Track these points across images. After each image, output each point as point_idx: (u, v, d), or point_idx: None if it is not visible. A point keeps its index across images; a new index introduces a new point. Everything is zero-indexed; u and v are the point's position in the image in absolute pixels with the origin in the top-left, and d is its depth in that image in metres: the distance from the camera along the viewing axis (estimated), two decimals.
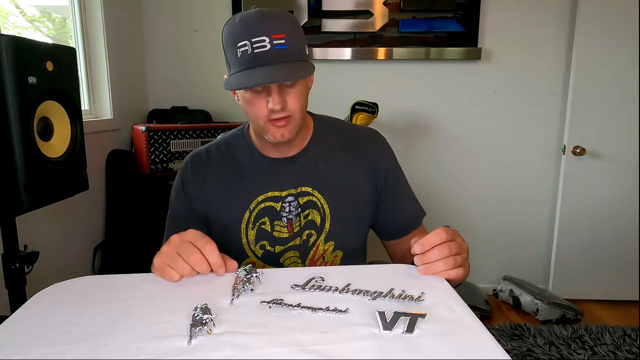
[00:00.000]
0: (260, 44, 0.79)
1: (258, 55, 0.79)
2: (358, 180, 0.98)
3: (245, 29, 0.80)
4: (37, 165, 1.05)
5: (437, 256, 0.73)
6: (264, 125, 0.87)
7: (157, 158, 2.05)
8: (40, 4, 1.88)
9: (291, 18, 0.85)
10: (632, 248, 2.43)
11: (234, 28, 0.82)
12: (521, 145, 2.49)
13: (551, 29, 2.36)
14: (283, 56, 0.80)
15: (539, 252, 2.61)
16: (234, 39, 0.81)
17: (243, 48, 0.80)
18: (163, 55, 2.37)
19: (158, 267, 0.73)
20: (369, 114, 2.07)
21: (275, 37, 0.79)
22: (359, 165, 0.99)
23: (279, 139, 0.88)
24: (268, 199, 0.95)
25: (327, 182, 0.97)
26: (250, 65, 0.80)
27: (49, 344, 0.55)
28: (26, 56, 1.01)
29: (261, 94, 0.84)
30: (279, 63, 0.80)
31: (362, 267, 0.81)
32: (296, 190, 0.96)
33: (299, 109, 0.87)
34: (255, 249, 0.96)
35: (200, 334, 0.55)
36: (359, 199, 0.99)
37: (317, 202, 0.96)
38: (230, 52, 0.83)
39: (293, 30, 0.82)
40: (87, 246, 1.92)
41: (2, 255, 1.15)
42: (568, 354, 1.95)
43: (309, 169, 0.97)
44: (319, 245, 0.97)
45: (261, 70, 0.79)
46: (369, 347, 0.54)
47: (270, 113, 0.85)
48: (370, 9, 2.28)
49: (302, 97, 0.87)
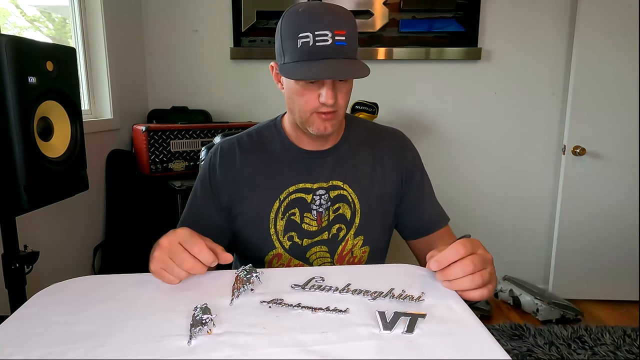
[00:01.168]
0: (322, 38, 0.80)
1: (319, 49, 0.80)
2: (385, 176, 1.00)
3: (309, 21, 0.81)
4: (37, 165, 1.05)
5: (460, 273, 0.67)
6: (310, 117, 0.89)
7: (157, 158, 2.05)
8: (40, 4, 1.88)
9: (351, 16, 0.86)
10: (632, 248, 2.43)
11: (297, 17, 0.82)
12: (521, 146, 2.49)
13: (551, 29, 2.36)
14: (341, 52, 0.81)
15: (539, 252, 2.61)
16: (296, 28, 0.81)
17: (304, 39, 0.80)
18: (163, 55, 2.37)
19: (155, 272, 0.72)
20: (369, 114, 2.07)
21: (337, 33, 0.80)
22: (386, 161, 1.01)
23: (323, 131, 0.89)
24: (299, 190, 0.96)
25: (358, 177, 0.98)
26: (309, 57, 0.81)
27: (49, 344, 0.55)
28: (26, 56, 1.01)
29: (313, 87, 0.86)
30: (338, 59, 0.81)
31: (362, 266, 0.81)
32: (327, 183, 0.97)
33: (345, 104, 0.90)
34: (284, 240, 0.96)
35: (200, 334, 0.55)
36: (386, 195, 1.00)
37: (347, 197, 0.97)
38: (289, 42, 0.83)
39: (352, 29, 0.83)
40: (87, 246, 1.92)
41: (2, 255, 1.15)
42: (568, 354, 1.95)
43: (341, 164, 0.98)
44: (348, 239, 0.97)
45: (322, 64, 0.80)
46: (369, 347, 0.54)
47: (320, 106, 0.86)
48: (370, 9, 2.28)
49: (349, 93, 0.90)
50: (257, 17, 2.28)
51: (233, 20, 2.29)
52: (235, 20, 2.29)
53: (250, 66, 2.35)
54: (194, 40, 2.35)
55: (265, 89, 2.36)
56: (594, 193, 2.41)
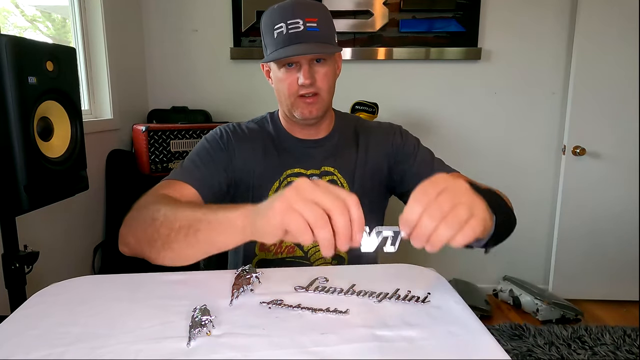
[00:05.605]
0: (294, 25, 0.88)
1: (292, 35, 0.88)
2: (368, 158, 1.04)
3: (281, 13, 0.90)
4: (37, 165, 1.05)
5: (430, 224, 0.53)
6: (294, 102, 0.95)
7: (157, 158, 2.05)
8: (40, 4, 1.88)
9: (323, 7, 0.94)
10: (632, 248, 2.43)
11: (272, 13, 0.92)
12: (521, 145, 2.48)
13: (551, 29, 2.35)
14: (314, 37, 0.89)
15: (539, 252, 2.61)
16: (271, 22, 0.91)
17: (279, 30, 0.89)
18: (163, 55, 2.37)
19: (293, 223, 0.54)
20: (369, 114, 2.07)
21: (308, 21, 0.88)
22: (370, 146, 1.05)
23: (307, 115, 0.94)
24: (294, 174, 1.01)
25: (345, 163, 1.03)
26: (284, 44, 0.89)
27: (48, 345, 0.55)
28: (26, 56, 1.01)
29: (292, 71, 0.93)
30: (311, 42, 0.89)
31: (366, 267, 0.81)
32: (319, 170, 1.02)
33: (326, 88, 0.95)
34: None
35: (200, 336, 0.55)
36: (367, 175, 1.04)
37: (337, 181, 1.02)
38: (268, 35, 0.92)
39: (324, 17, 0.92)
40: (87, 246, 1.92)
41: (2, 255, 1.15)
42: (568, 354, 1.95)
43: (331, 152, 1.04)
44: None
45: (294, 46, 0.88)
46: (369, 349, 0.53)
47: (300, 88, 0.92)
48: (370, 9, 2.28)
49: (330, 77, 0.95)
50: (257, 17, 2.28)
51: (233, 20, 2.29)
52: (235, 20, 2.29)
53: (250, 66, 2.35)
54: (194, 40, 2.35)
55: (265, 89, 2.34)
56: (594, 193, 2.41)
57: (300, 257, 1.00)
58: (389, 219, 1.15)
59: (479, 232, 0.55)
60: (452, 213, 0.53)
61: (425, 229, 0.54)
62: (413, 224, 0.54)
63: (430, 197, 0.54)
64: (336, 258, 1.01)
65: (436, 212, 0.53)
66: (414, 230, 0.55)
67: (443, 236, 0.54)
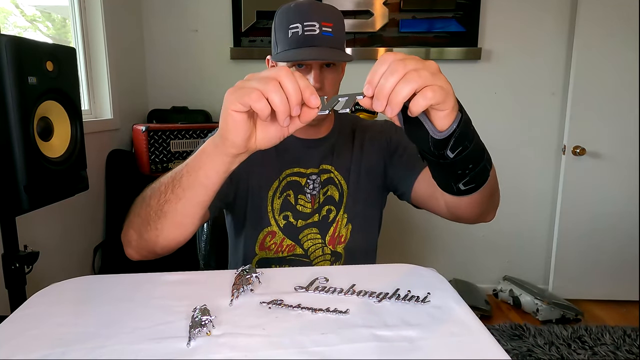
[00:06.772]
0: (310, 28, 0.89)
1: (307, 37, 0.89)
2: (364, 154, 1.05)
3: (299, 13, 0.90)
4: (37, 165, 1.05)
5: (392, 80, 0.52)
6: None
7: (157, 158, 2.05)
8: (40, 4, 1.88)
9: (338, 13, 0.95)
10: (632, 248, 2.43)
11: (289, 12, 0.92)
12: (521, 146, 2.48)
13: (551, 29, 2.35)
14: (328, 42, 0.90)
15: (539, 252, 2.61)
16: (287, 20, 0.91)
17: (294, 30, 0.89)
18: (163, 55, 2.37)
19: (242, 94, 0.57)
20: (369, 114, 2.07)
21: (324, 25, 0.89)
22: (365, 142, 1.06)
23: None
24: (294, 174, 1.02)
25: (342, 160, 1.04)
26: (298, 45, 0.89)
27: (47, 346, 0.55)
28: (26, 56, 1.01)
29: (302, 72, 0.92)
30: (324, 47, 0.89)
31: (366, 267, 0.81)
32: (318, 168, 1.03)
33: (333, 92, 0.96)
34: (279, 218, 1.01)
35: (200, 336, 0.55)
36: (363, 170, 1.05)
37: (334, 179, 1.04)
38: (281, 33, 0.92)
39: (339, 23, 0.93)
40: (87, 246, 1.92)
41: (2, 255, 1.15)
42: (568, 354, 1.95)
43: (330, 151, 1.05)
44: (338, 221, 1.03)
45: (309, 49, 0.89)
46: (370, 349, 0.53)
47: None
48: (370, 9, 2.28)
49: (336, 82, 0.98)
50: (257, 17, 2.28)
51: (233, 20, 2.29)
52: (235, 20, 2.29)
53: (250, 66, 2.35)
54: (194, 40, 2.35)
55: None
56: (594, 193, 2.41)
57: (300, 254, 1.01)
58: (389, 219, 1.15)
59: (440, 99, 0.54)
60: (413, 71, 0.52)
61: (385, 88, 0.53)
62: (375, 83, 0.54)
63: (397, 57, 0.54)
64: (334, 255, 1.02)
65: (399, 69, 0.52)
66: (375, 90, 0.54)
67: (401, 93, 0.52)
